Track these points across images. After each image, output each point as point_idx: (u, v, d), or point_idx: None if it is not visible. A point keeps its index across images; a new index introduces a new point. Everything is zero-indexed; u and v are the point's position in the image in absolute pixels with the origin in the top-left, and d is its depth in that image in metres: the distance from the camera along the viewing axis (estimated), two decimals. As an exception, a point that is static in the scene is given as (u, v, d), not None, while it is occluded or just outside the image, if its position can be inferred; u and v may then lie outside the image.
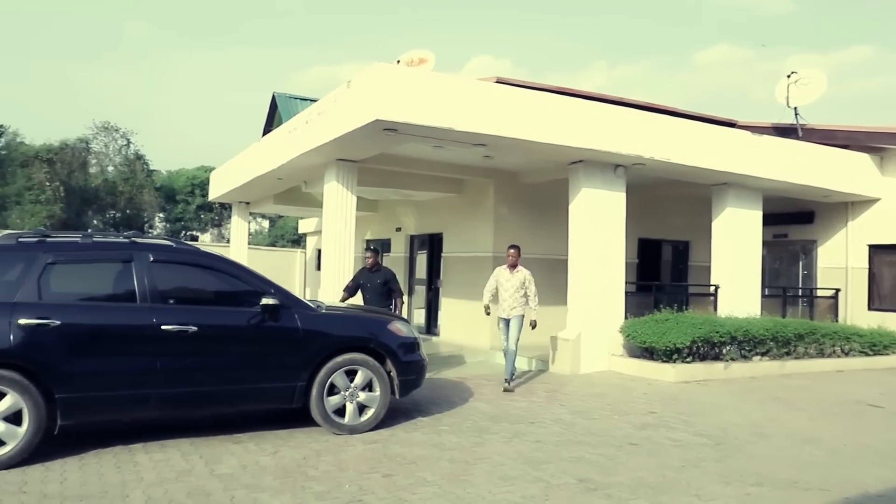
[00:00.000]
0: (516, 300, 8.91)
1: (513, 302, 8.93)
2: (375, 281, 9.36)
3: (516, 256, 9.07)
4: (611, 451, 5.96)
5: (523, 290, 8.94)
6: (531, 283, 8.98)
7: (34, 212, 25.97)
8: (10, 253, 5.51)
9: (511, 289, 8.95)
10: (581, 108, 9.89)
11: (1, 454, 5.03)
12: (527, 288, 8.94)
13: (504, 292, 9.01)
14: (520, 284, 8.94)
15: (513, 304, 8.93)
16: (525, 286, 8.94)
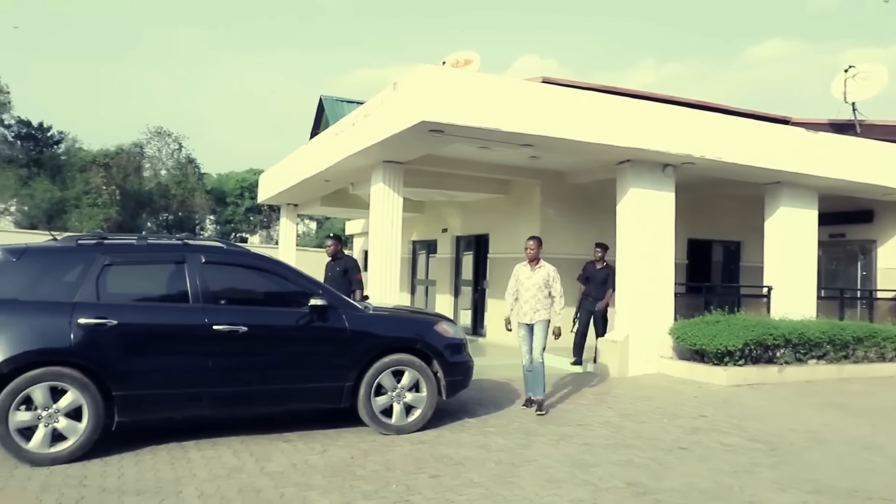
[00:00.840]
0: (539, 302, 7.53)
1: (535, 304, 7.53)
2: (335, 269, 9.53)
3: (536, 249, 7.73)
4: (660, 456, 5.86)
5: (547, 290, 7.58)
6: (556, 280, 7.61)
7: (92, 215, 26.79)
8: (71, 255, 5.69)
9: (532, 288, 7.57)
10: (629, 107, 9.76)
11: (62, 448, 5.21)
12: (551, 287, 7.59)
13: (525, 293, 7.61)
14: (542, 283, 7.57)
15: (535, 307, 7.53)
16: (549, 285, 7.61)
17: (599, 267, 10.50)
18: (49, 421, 5.18)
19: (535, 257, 7.69)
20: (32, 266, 5.54)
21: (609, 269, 10.45)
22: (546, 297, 7.54)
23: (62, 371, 5.24)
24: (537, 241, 7.77)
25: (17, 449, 5.10)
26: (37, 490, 4.64)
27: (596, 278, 10.46)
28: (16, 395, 5.08)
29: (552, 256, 12.60)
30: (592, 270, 10.55)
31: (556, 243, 12.64)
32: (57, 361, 5.25)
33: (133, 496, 4.56)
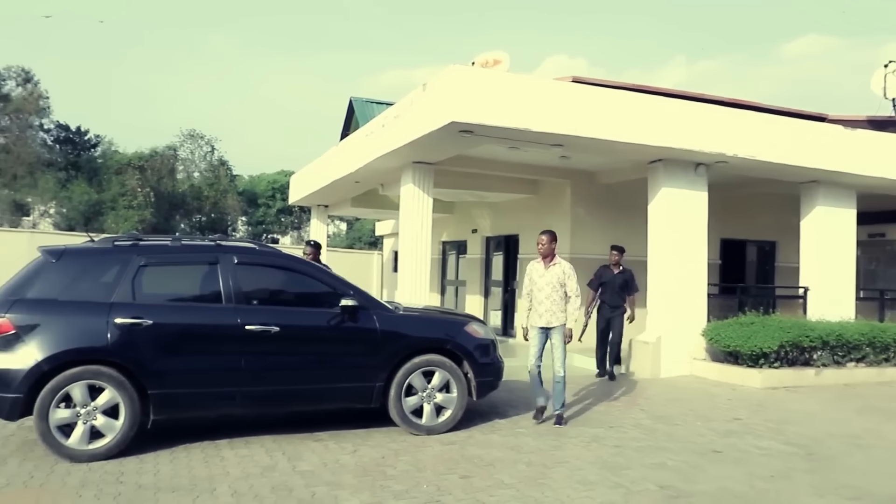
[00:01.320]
0: (555, 303, 6.79)
1: (550, 305, 6.80)
2: None
3: (548, 244, 6.94)
4: (694, 459, 5.78)
5: (563, 290, 6.85)
6: (571, 278, 6.83)
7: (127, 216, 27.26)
8: (108, 256, 5.80)
9: (546, 287, 6.84)
10: (660, 105, 9.66)
11: (100, 445, 5.31)
12: (566, 286, 6.87)
13: (538, 293, 6.90)
14: (557, 282, 6.82)
15: (550, 308, 6.81)
16: (564, 283, 6.87)
17: (617, 271, 9.88)
18: (87, 418, 5.29)
19: (548, 253, 6.93)
20: (71, 267, 5.66)
21: (628, 274, 9.87)
22: (562, 297, 6.84)
23: (100, 370, 5.34)
24: (550, 236, 7.00)
25: (57, 445, 5.21)
26: (76, 486, 4.73)
27: (613, 284, 9.83)
28: (56, 393, 5.20)
29: (582, 257, 12.59)
30: (609, 276, 9.88)
31: (586, 244, 12.58)
32: (95, 360, 5.35)
33: (168, 493, 4.63)
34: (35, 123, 28.78)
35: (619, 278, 9.82)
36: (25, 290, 5.45)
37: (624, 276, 9.82)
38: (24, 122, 27.51)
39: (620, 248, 9.98)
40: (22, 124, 27.45)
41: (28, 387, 5.15)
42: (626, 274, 9.84)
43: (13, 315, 5.27)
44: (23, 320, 5.27)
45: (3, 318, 5.25)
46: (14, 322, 5.24)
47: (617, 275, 9.85)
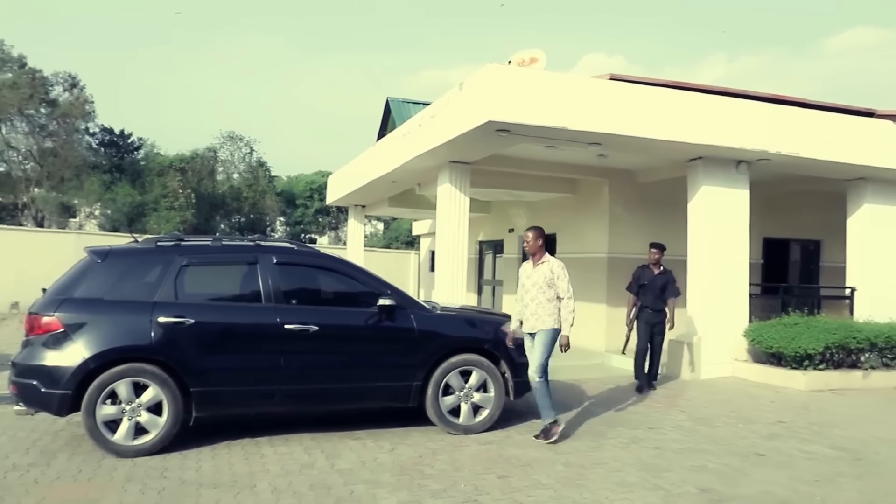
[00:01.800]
0: (541, 305, 6.17)
1: (535, 308, 6.19)
2: None
3: (534, 241, 6.30)
4: (735, 462, 5.68)
5: (552, 291, 6.19)
6: (561, 278, 6.16)
7: (169, 217, 27.75)
8: (151, 256, 5.93)
9: (532, 289, 6.24)
10: (700, 102, 9.51)
11: (145, 441, 5.43)
12: (556, 287, 6.22)
13: (525, 295, 6.33)
14: (544, 282, 6.19)
15: (536, 312, 6.19)
16: (552, 284, 6.19)
17: (657, 272, 8.91)
18: (132, 415, 5.41)
19: (534, 251, 6.30)
20: (116, 267, 5.79)
21: (669, 275, 8.93)
22: (550, 299, 6.16)
23: (144, 367, 5.46)
24: (536, 232, 6.33)
25: (104, 441, 5.34)
26: (122, 480, 4.85)
27: (654, 286, 8.86)
28: (102, 390, 5.33)
29: (621, 256, 12.50)
30: (649, 276, 8.91)
31: (625, 243, 12.46)
32: (139, 358, 5.47)
33: (210, 489, 4.71)
34: (81, 127, 29.46)
35: (660, 279, 8.87)
36: (73, 289, 5.59)
37: (665, 276, 8.90)
38: (70, 126, 28.18)
39: (661, 246, 9.02)
40: (69, 128, 28.12)
41: (76, 383, 5.29)
42: (667, 275, 8.91)
43: (61, 314, 5.41)
44: (71, 319, 5.41)
45: (52, 316, 5.40)
46: (62, 321, 5.39)
47: (658, 275, 8.90)
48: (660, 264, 8.94)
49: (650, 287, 8.88)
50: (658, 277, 8.89)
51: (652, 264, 8.97)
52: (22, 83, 26.33)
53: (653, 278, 8.90)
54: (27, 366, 5.39)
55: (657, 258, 8.94)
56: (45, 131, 27.83)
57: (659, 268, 8.94)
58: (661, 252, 8.99)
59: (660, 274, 8.92)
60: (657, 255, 8.96)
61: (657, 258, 8.94)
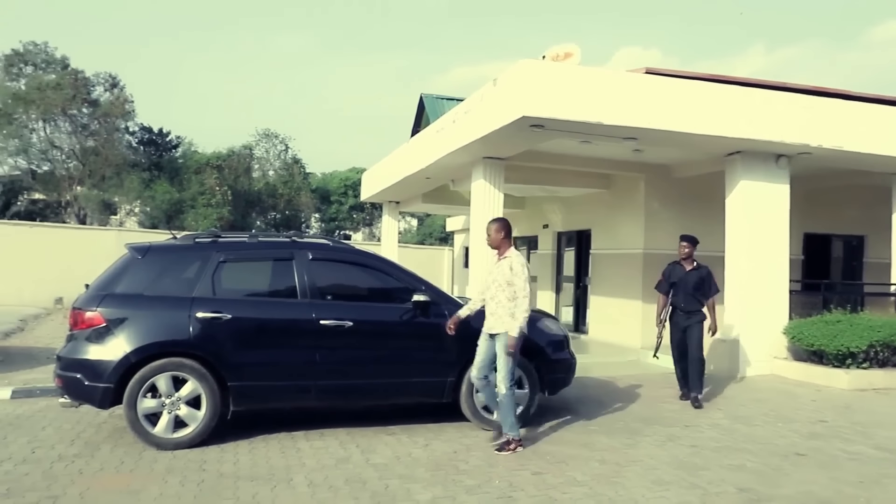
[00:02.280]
0: (500, 305, 5.70)
1: (495, 307, 5.73)
2: None
3: (495, 234, 5.87)
4: (775, 461, 5.58)
5: (512, 290, 5.71)
6: (519, 275, 5.66)
7: (206, 214, 28.17)
8: (189, 252, 6.02)
9: (493, 285, 5.80)
10: (739, 95, 9.34)
11: (184, 434, 5.53)
12: (513, 285, 5.71)
13: (487, 292, 5.89)
14: (504, 280, 5.71)
15: (496, 311, 5.73)
16: (511, 282, 5.71)
17: (689, 268, 8.01)
18: (172, 408, 5.51)
19: (496, 245, 5.90)
20: (156, 263, 5.90)
21: (704, 271, 8.02)
22: (511, 298, 5.68)
23: (182, 362, 5.56)
24: (496, 225, 5.92)
25: (144, 433, 5.46)
26: (162, 472, 4.94)
27: (685, 283, 7.96)
28: (143, 384, 5.44)
29: (657, 252, 12.35)
30: (680, 273, 8.05)
31: (661, 239, 12.31)
32: (178, 353, 5.57)
33: (248, 482, 4.78)
34: (121, 126, 30.05)
35: (692, 276, 7.97)
36: (114, 285, 5.71)
37: (699, 273, 7.98)
38: (111, 125, 28.76)
39: (692, 239, 8.07)
40: (109, 127, 28.69)
41: (118, 377, 5.41)
42: (700, 271, 8.00)
43: (104, 309, 5.53)
44: (112, 314, 5.53)
45: (95, 311, 5.52)
46: (105, 315, 5.51)
47: (690, 272, 8.01)
48: (693, 259, 8.06)
49: (681, 285, 8.00)
50: (690, 274, 8.00)
51: (683, 259, 8.09)
52: (65, 84, 26.94)
53: (684, 275, 8.02)
54: (71, 359, 5.53)
55: (688, 252, 8.04)
56: (87, 131, 28.44)
57: (691, 263, 8.04)
58: (692, 245, 8.04)
59: (692, 270, 8.01)
60: (688, 248, 8.04)
61: (688, 252, 8.04)
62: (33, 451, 5.42)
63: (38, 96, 26.34)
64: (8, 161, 27.94)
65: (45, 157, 28.43)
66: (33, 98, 26.38)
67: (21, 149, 27.64)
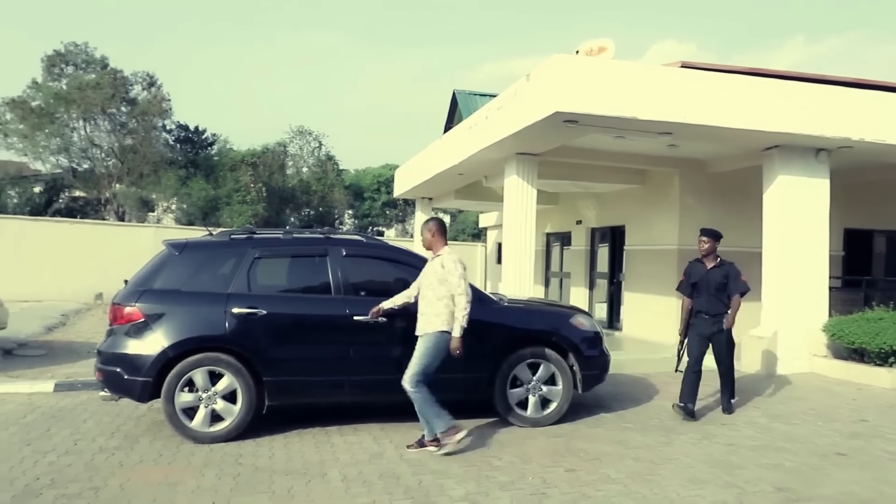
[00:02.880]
0: (430, 305, 5.50)
1: (424, 307, 5.55)
2: None
3: (430, 233, 5.75)
4: (814, 461, 5.48)
5: (443, 289, 5.47)
6: (453, 272, 5.47)
7: (241, 211, 28.51)
8: (225, 248, 6.11)
9: (426, 285, 5.61)
10: (777, 89, 9.15)
11: (220, 428, 5.62)
12: (447, 283, 5.48)
13: (420, 291, 5.72)
14: (435, 278, 5.52)
15: (425, 312, 5.54)
16: (444, 281, 5.49)
17: (711, 266, 7.06)
18: (208, 402, 5.60)
19: (429, 245, 5.79)
20: (192, 259, 5.99)
21: (728, 268, 7.05)
22: (440, 297, 5.47)
23: (219, 357, 5.64)
24: (429, 225, 5.78)
25: (182, 427, 5.55)
26: (200, 465, 5.03)
27: (708, 283, 7.02)
28: (180, 378, 5.54)
29: (692, 248, 12.09)
30: (701, 272, 7.10)
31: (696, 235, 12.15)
32: (214, 347, 5.65)
33: (283, 475, 4.84)
34: (158, 125, 30.55)
35: (715, 275, 7.01)
36: (152, 280, 5.82)
37: (722, 270, 7.02)
38: (148, 123, 29.24)
39: (713, 233, 7.14)
40: (147, 126, 29.18)
41: (156, 371, 5.52)
42: (725, 268, 7.04)
43: (142, 304, 5.64)
44: (150, 309, 5.64)
45: (134, 307, 5.63)
46: (143, 311, 5.62)
47: (712, 270, 7.04)
48: (714, 255, 7.12)
49: (703, 285, 7.05)
50: (713, 272, 7.03)
51: (703, 256, 7.15)
52: (104, 83, 27.46)
53: (706, 274, 7.06)
54: (111, 354, 5.64)
55: (708, 248, 7.09)
56: (126, 129, 28.95)
57: (714, 260, 7.09)
58: (712, 240, 7.11)
59: (715, 268, 7.05)
60: (708, 244, 7.09)
61: (708, 248, 7.09)
62: (75, 442, 5.56)
63: (78, 96, 26.90)
64: (50, 159, 28.58)
65: (86, 155, 29.02)
66: (74, 97, 26.94)
67: (62, 147, 28.25)
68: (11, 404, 6.89)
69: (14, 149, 27.90)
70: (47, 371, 8.64)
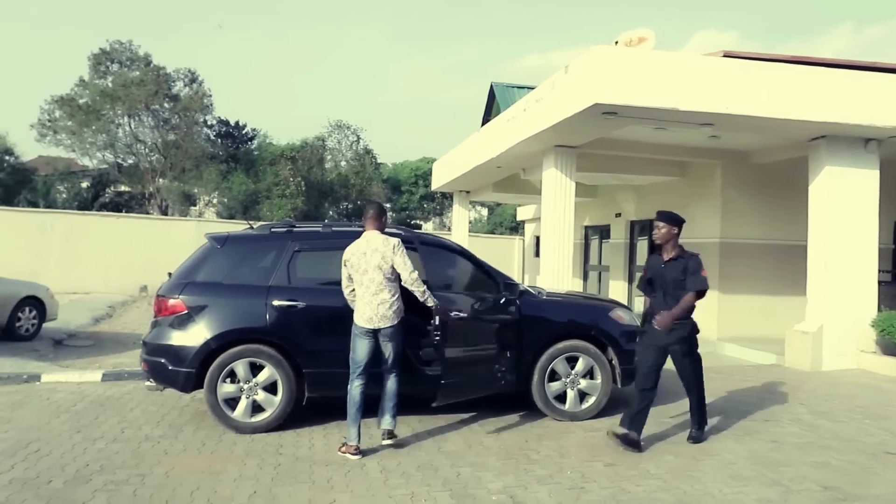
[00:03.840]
0: (375, 294, 5.25)
1: (370, 297, 5.27)
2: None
3: (373, 219, 5.46)
4: (862, 460, 5.35)
5: (391, 273, 5.28)
6: (397, 254, 5.27)
7: (280, 205, 28.77)
8: (265, 242, 6.19)
9: (365, 276, 5.29)
10: (823, 77, 8.92)
11: (261, 419, 5.71)
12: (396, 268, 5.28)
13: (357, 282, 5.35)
14: (377, 265, 5.24)
15: (370, 301, 5.27)
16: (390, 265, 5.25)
17: (668, 258, 5.60)
18: (250, 393, 5.69)
19: (376, 226, 5.48)
20: (234, 252, 6.09)
21: (688, 261, 5.54)
22: (386, 284, 5.27)
23: (260, 348, 5.72)
24: (374, 211, 5.53)
25: (224, 417, 5.65)
26: (241, 454, 5.12)
27: (664, 279, 5.59)
28: (222, 369, 5.63)
29: (735, 241, 11.99)
30: (656, 266, 5.70)
31: (739, 228, 12.00)
32: (255, 339, 5.74)
33: (322, 466, 4.90)
34: (200, 120, 31.00)
35: (671, 269, 5.55)
36: (195, 273, 5.93)
37: (681, 264, 5.54)
38: (190, 119, 29.71)
39: (671, 217, 5.65)
40: (189, 121, 29.66)
41: (199, 362, 5.62)
42: (684, 261, 5.55)
43: (185, 296, 5.75)
44: (193, 301, 5.74)
45: (177, 299, 5.74)
46: (186, 303, 5.73)
47: (669, 263, 5.59)
48: (677, 246, 5.63)
49: (658, 282, 5.66)
50: (669, 267, 5.58)
51: (660, 245, 5.71)
52: (148, 80, 27.98)
53: (661, 268, 5.64)
54: (156, 345, 5.77)
55: (663, 236, 5.61)
56: (169, 125, 29.46)
57: (673, 251, 5.61)
58: (669, 226, 5.61)
59: (672, 261, 5.59)
60: (665, 230, 5.61)
61: (663, 236, 5.61)
62: (123, 430, 5.70)
63: (123, 93, 27.45)
64: (97, 155, 29.26)
65: (130, 150, 29.61)
66: (119, 94, 27.50)
67: (108, 143, 28.88)
68: (62, 392, 7.10)
69: (63, 145, 28.65)
70: (95, 361, 8.89)
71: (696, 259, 5.57)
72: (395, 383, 5.48)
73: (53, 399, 6.82)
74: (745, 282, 11.94)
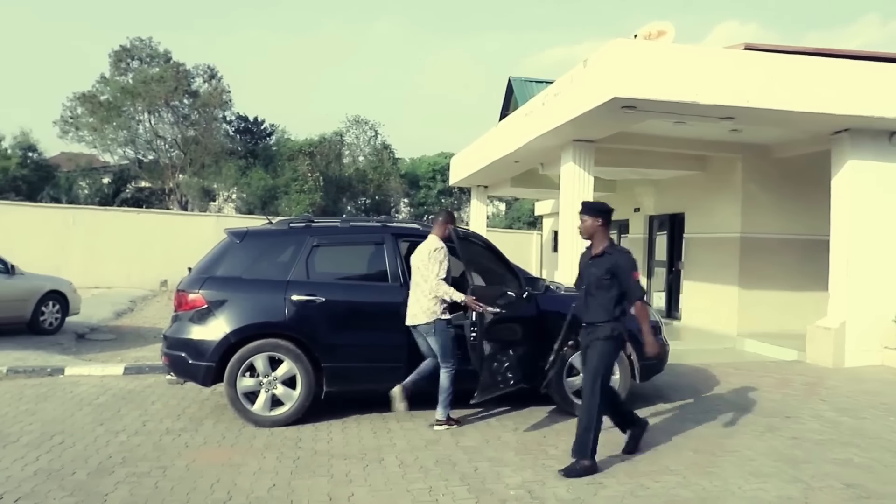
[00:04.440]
0: (413, 292, 5.80)
1: (418, 294, 5.74)
2: None
3: (437, 225, 5.96)
4: (886, 457, 5.28)
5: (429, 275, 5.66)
6: (431, 260, 5.66)
7: (299, 200, 28.90)
8: (284, 237, 6.22)
9: (415, 275, 5.82)
10: (847, 69, 8.79)
11: (280, 413, 5.74)
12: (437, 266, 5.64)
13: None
14: (417, 266, 5.76)
15: (418, 298, 5.73)
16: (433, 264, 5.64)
17: (595, 253, 4.96)
18: (269, 387, 5.73)
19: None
20: (253, 247, 6.13)
21: (617, 258, 4.86)
22: (425, 283, 5.67)
23: (278, 343, 5.76)
24: (438, 216, 6.03)
25: (244, 410, 5.70)
26: (261, 448, 5.16)
27: (588, 278, 4.95)
28: (242, 363, 5.68)
29: (756, 236, 11.89)
30: (582, 263, 5.12)
31: (760, 222, 11.89)
32: (274, 334, 5.77)
33: (341, 459, 4.93)
34: (219, 116, 31.21)
35: (597, 267, 4.90)
36: (214, 268, 5.98)
37: (608, 261, 4.86)
38: (209, 115, 29.92)
39: (591, 207, 5.04)
40: (208, 117, 29.86)
41: (219, 356, 5.67)
42: (612, 258, 4.87)
43: (205, 291, 5.80)
44: (213, 296, 5.79)
45: (197, 293, 5.79)
46: (206, 298, 5.77)
47: (595, 259, 4.95)
48: (605, 239, 4.96)
49: (584, 279, 5.03)
50: (595, 264, 4.93)
51: (585, 239, 5.10)
52: (168, 77, 28.21)
53: (585, 266, 5.07)
54: (176, 339, 5.83)
55: (588, 229, 4.97)
56: (188, 121, 29.70)
57: (600, 246, 4.94)
58: (592, 218, 4.96)
59: (598, 257, 4.93)
60: (588, 223, 4.96)
61: (588, 229, 4.97)
62: (144, 423, 5.77)
63: (143, 89, 27.71)
64: (118, 151, 29.56)
65: (150, 146, 29.90)
66: (139, 91, 27.77)
67: (129, 139, 29.18)
68: (85, 386, 7.20)
69: (84, 141, 28.98)
70: (117, 355, 8.99)
71: (627, 257, 4.91)
72: (443, 377, 5.75)
73: (77, 392, 6.91)
74: (765, 277, 11.84)
